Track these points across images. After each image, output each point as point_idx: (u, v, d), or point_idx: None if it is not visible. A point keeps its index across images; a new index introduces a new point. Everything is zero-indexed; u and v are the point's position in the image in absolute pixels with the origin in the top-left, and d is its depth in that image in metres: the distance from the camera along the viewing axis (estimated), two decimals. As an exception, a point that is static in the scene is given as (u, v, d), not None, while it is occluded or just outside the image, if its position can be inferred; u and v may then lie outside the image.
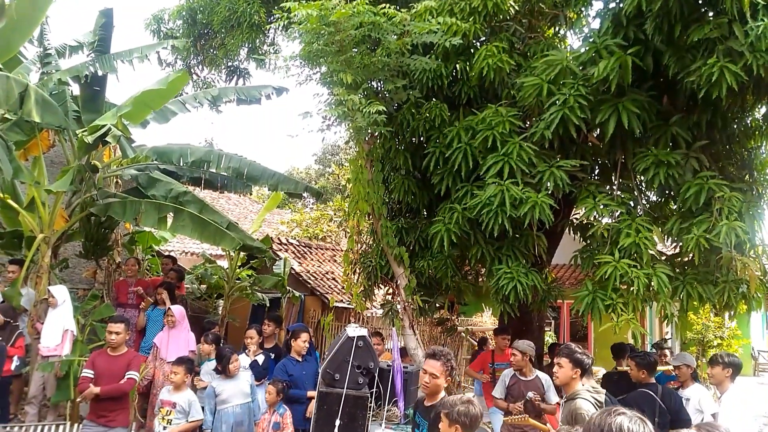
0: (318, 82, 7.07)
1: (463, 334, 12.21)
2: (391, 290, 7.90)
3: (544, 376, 6.04)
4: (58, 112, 6.99)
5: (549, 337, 13.45)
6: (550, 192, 6.15)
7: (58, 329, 6.62)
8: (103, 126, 6.75)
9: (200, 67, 10.64)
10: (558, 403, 5.68)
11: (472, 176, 6.57)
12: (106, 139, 6.74)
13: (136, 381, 5.63)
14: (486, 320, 14.80)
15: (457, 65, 7.01)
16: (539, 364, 7.99)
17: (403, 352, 7.02)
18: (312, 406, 5.99)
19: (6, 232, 8.36)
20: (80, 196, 7.77)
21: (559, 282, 9.12)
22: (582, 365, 3.98)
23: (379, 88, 7.14)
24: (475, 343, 12.09)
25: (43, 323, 6.82)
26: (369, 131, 6.99)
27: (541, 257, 6.96)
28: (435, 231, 6.55)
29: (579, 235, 7.43)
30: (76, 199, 7.78)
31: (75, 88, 7.89)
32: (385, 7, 6.18)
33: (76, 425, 6.19)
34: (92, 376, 5.41)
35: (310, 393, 6.07)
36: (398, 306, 7.37)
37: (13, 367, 6.47)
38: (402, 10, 6.41)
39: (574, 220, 7.62)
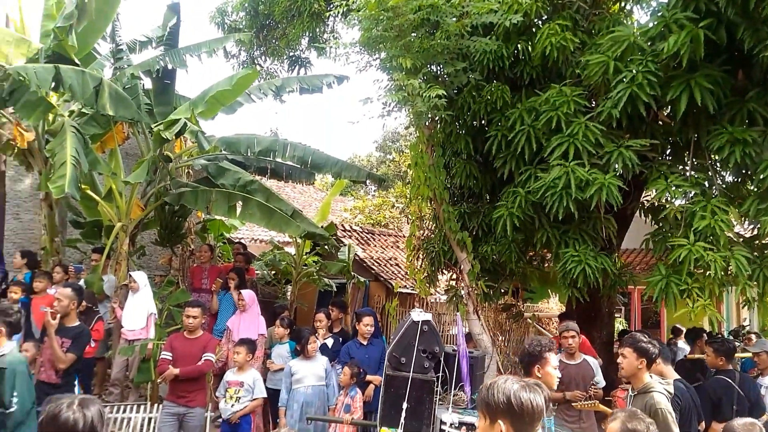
0: (378, 68, 7.10)
1: (529, 321, 12.04)
2: (454, 276, 7.88)
3: (591, 359, 5.83)
4: (132, 105, 7.32)
5: (619, 324, 13.06)
6: (618, 173, 5.95)
7: (141, 313, 6.96)
8: (178, 120, 7.02)
9: (263, 57, 10.88)
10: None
11: (536, 159, 6.44)
12: (185, 135, 7.03)
13: (212, 362, 5.86)
14: (553, 306, 14.54)
15: (519, 45, 6.86)
16: (610, 351, 7.80)
17: (468, 338, 7.01)
18: (370, 390, 6.12)
19: (87, 221, 8.88)
20: (154, 186, 8.13)
21: (629, 267, 8.84)
22: (647, 355, 3.84)
23: (439, 72, 7.08)
24: (541, 329, 11.93)
25: (122, 308, 7.21)
26: (429, 116, 6.96)
27: (610, 241, 6.75)
28: (498, 215, 6.48)
29: (650, 217, 7.15)
30: (151, 189, 8.14)
31: (146, 82, 8.23)
32: (443, -11, 6.11)
33: (156, 405, 6.53)
34: (171, 358, 5.66)
35: (369, 377, 6.17)
36: (462, 291, 7.35)
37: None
38: (461, -9, 6.32)
39: (645, 203, 7.35)
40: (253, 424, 5.78)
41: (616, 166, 5.94)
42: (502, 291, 7.76)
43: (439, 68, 7.08)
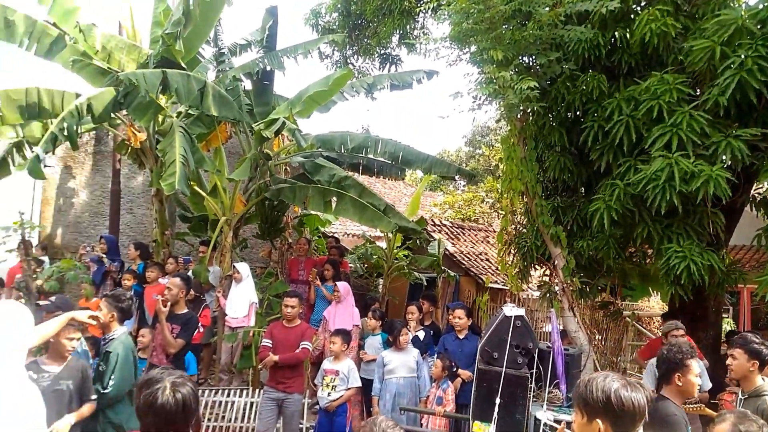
0: (468, 62, 7.07)
1: (628, 319, 11.56)
2: (547, 271, 7.72)
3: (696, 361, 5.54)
4: (234, 106, 7.72)
5: (727, 324, 12.25)
6: (726, 165, 5.61)
7: (243, 302, 7.35)
8: (277, 119, 7.35)
9: (355, 57, 11.12)
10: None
11: (635, 150, 6.18)
12: (284, 133, 7.34)
13: (309, 350, 6.08)
14: (654, 305, 13.86)
15: (616, 33, 6.60)
16: (716, 353, 7.37)
17: (563, 335, 6.86)
18: (457, 383, 6.13)
19: (194, 216, 9.48)
20: (255, 183, 8.53)
21: (738, 264, 8.29)
22: (760, 356, 3.62)
23: (531, 63, 6.95)
24: (641, 328, 11.43)
25: (226, 297, 7.64)
26: (521, 108, 6.85)
27: (717, 236, 6.36)
28: (595, 209, 6.28)
29: (762, 212, 6.68)
30: (252, 185, 8.55)
31: (246, 83, 8.64)
32: (536, -21, 6.01)
33: (257, 390, 6.89)
34: (271, 346, 5.93)
35: (459, 371, 6.18)
36: (556, 287, 7.19)
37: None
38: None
39: (756, 196, 6.86)
40: (349, 412, 5.95)
41: (725, 156, 5.60)
42: (599, 288, 7.50)
43: (531, 59, 6.96)
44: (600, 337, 11.23)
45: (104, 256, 8.73)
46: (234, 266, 7.53)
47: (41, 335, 3.43)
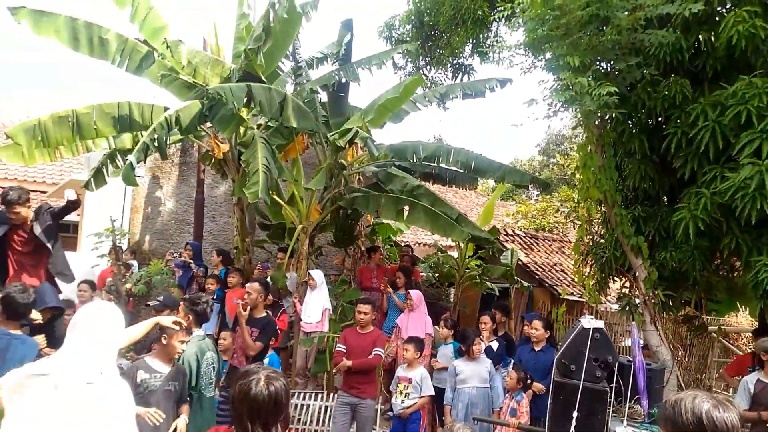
0: (543, 69, 6.99)
1: (714, 335, 10.98)
2: (627, 283, 7.47)
3: None
4: (311, 117, 7.96)
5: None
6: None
7: (318, 308, 7.54)
8: (350, 129, 7.53)
9: (428, 67, 11.19)
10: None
11: (722, 157, 5.91)
12: (356, 141, 7.52)
13: (381, 357, 6.16)
14: (742, 320, 13.09)
15: (700, 36, 6.35)
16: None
17: (644, 349, 6.61)
18: (528, 395, 6.01)
19: (272, 224, 9.81)
20: (330, 192, 8.74)
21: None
22: None
23: (609, 69, 6.79)
24: (729, 345, 10.83)
25: (302, 303, 7.85)
26: (599, 114, 6.70)
27: (813, 249, 5.99)
28: (679, 219, 6.04)
29: None
30: (327, 194, 8.76)
31: (323, 95, 8.90)
32: (614, -17, 5.88)
33: (331, 394, 7.03)
34: (345, 351, 6.05)
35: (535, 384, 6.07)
36: (637, 300, 6.95)
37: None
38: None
39: None
40: (423, 420, 5.98)
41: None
42: (683, 301, 7.20)
43: (609, 65, 6.80)
44: (684, 353, 10.73)
45: (192, 261, 9.17)
46: (309, 273, 7.74)
47: (129, 337, 3.58)
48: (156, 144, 7.07)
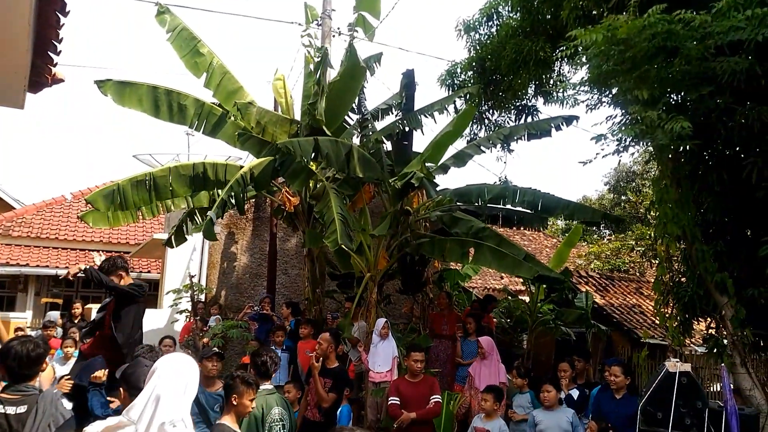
0: (610, 104, 6.87)
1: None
2: (713, 323, 7.04)
3: None
4: (377, 167, 8.12)
5: None
6: None
7: (387, 357, 7.49)
8: (410, 173, 7.63)
9: (491, 111, 11.19)
10: None
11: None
12: (411, 181, 7.59)
13: (441, 404, 6.04)
14: None
15: (776, 61, 6.11)
16: None
17: (736, 393, 6.16)
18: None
19: (342, 274, 9.92)
20: (397, 239, 8.79)
21: None
22: None
23: (680, 100, 6.60)
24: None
25: (368, 353, 7.78)
26: (672, 147, 6.48)
27: None
28: (766, 253, 5.69)
29: None
30: (394, 241, 8.82)
31: (388, 145, 9.08)
32: (679, 13, 5.76)
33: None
34: (398, 402, 5.95)
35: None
36: (725, 341, 6.52)
37: None
38: (700, 12, 5.88)
39: None
40: (501, 471, 5.75)
41: None
42: (778, 340, 6.70)
43: (680, 96, 6.61)
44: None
45: (273, 314, 9.35)
46: (382, 322, 7.72)
47: None
48: (233, 200, 7.37)
